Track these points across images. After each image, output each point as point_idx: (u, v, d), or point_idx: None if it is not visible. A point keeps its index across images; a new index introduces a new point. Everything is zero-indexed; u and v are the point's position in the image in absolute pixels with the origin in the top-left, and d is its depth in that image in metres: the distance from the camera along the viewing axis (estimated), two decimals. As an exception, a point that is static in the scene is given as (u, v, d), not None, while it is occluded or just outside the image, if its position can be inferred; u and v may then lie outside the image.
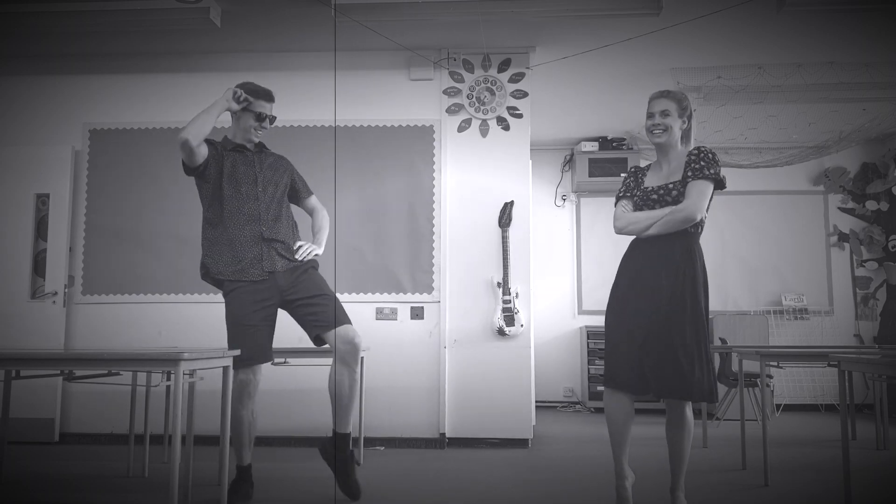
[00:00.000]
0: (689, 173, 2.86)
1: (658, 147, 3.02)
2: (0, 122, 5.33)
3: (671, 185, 2.91)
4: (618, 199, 3.11)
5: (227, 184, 3.30)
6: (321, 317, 3.27)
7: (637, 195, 3.01)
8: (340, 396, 3.24)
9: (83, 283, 5.12)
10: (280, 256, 3.31)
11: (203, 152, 3.24)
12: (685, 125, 3.00)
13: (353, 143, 5.15)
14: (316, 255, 3.42)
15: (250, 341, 3.18)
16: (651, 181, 3.02)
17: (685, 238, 2.93)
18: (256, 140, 3.40)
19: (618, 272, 3.07)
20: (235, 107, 3.29)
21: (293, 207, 3.58)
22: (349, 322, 3.32)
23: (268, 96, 3.39)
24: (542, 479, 3.57)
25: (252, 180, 3.33)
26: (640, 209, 2.98)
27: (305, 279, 3.34)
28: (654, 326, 2.86)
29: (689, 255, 2.93)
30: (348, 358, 3.24)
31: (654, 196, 2.94)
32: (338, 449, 3.26)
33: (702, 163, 2.86)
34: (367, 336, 4.87)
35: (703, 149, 2.91)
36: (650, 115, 3.00)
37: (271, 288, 3.28)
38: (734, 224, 7.53)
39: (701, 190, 2.83)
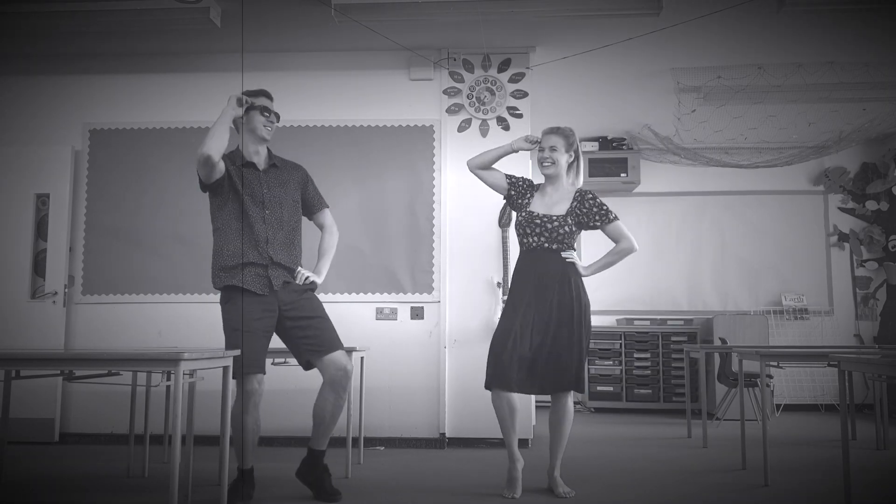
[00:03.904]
0: (598, 220, 3.46)
1: (546, 178, 3.52)
2: (0, 122, 5.33)
3: (555, 218, 3.42)
4: (509, 178, 3.58)
5: (236, 203, 3.28)
6: (315, 341, 3.28)
7: (523, 215, 3.48)
8: (322, 419, 3.30)
9: (83, 283, 5.12)
10: (283, 277, 3.31)
11: (222, 168, 3.23)
12: (571, 159, 3.50)
13: (354, 143, 5.16)
14: (314, 282, 3.40)
15: (251, 350, 3.15)
16: (537, 205, 3.50)
17: (558, 252, 3.42)
18: (268, 137, 3.35)
19: (511, 284, 3.52)
20: (240, 111, 3.27)
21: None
22: (343, 347, 3.33)
23: (265, 94, 3.39)
24: (542, 478, 3.57)
25: (259, 202, 3.30)
26: (523, 228, 3.47)
27: (304, 300, 3.34)
28: (547, 332, 3.33)
29: (569, 268, 3.41)
30: (337, 384, 3.26)
31: (538, 221, 3.43)
32: (313, 465, 3.33)
33: (604, 208, 3.47)
34: (367, 336, 4.88)
35: (596, 196, 3.49)
36: (541, 150, 3.49)
37: (272, 301, 3.27)
38: (734, 224, 7.53)
39: (623, 227, 3.48)
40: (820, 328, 7.27)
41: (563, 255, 3.41)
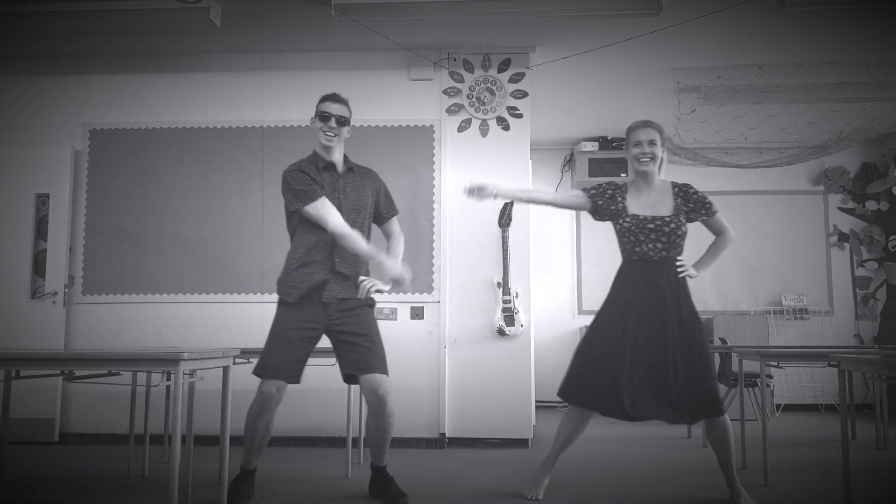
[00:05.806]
0: (704, 213, 3.31)
1: (642, 175, 3.28)
2: (0, 122, 5.33)
3: (668, 219, 3.21)
4: (587, 191, 3.36)
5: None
6: (356, 357, 3.23)
7: (629, 221, 3.22)
8: (370, 438, 3.35)
9: (83, 283, 5.12)
10: (343, 289, 3.27)
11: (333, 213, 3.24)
12: (663, 153, 3.31)
13: (354, 143, 5.14)
14: (378, 291, 3.32)
15: (279, 355, 3.16)
16: (635, 207, 3.26)
17: (674, 260, 3.23)
18: (328, 143, 3.31)
19: (612, 293, 3.27)
20: (319, 123, 3.34)
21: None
22: (383, 371, 3.24)
23: (333, 98, 3.36)
24: (542, 479, 3.57)
25: (336, 207, 3.26)
26: (635, 235, 3.21)
27: (356, 315, 3.28)
28: (673, 351, 3.09)
29: (678, 275, 3.23)
30: (373, 408, 3.23)
31: (651, 226, 3.19)
32: (376, 479, 3.39)
33: (707, 200, 3.32)
34: (367, 336, 4.88)
35: (698, 190, 3.34)
36: (637, 144, 3.23)
37: (320, 313, 3.24)
38: (734, 224, 7.35)
39: (723, 218, 3.40)
40: (820, 328, 7.27)
41: (677, 265, 3.23)
